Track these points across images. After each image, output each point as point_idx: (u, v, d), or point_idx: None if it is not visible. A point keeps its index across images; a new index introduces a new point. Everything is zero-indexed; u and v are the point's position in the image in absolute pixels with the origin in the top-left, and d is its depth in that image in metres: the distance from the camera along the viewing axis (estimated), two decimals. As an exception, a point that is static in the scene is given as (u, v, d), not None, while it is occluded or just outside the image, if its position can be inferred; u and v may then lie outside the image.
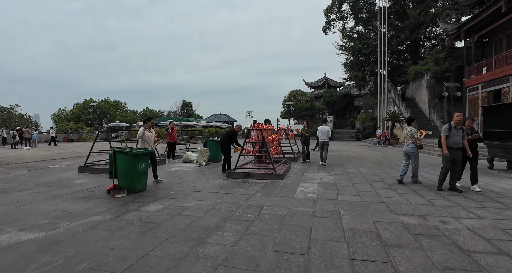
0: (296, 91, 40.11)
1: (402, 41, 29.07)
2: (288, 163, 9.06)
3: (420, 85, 25.37)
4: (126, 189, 5.26)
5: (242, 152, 7.24)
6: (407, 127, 6.67)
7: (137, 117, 53.32)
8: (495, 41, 20.21)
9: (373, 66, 31.44)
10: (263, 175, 6.80)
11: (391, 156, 12.73)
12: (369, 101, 34.57)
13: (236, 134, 7.90)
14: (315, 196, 5.18)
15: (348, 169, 8.66)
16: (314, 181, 6.72)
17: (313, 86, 53.69)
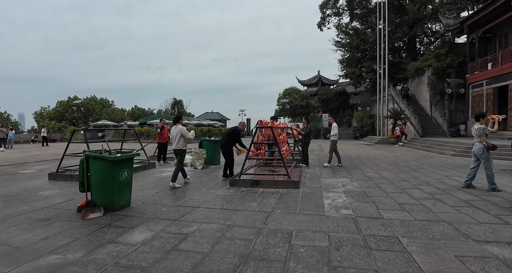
0: (291, 88, 39.03)
1: (401, 37, 28.28)
2: (298, 166, 7.88)
3: (421, 81, 24.60)
4: (103, 206, 3.96)
5: (249, 155, 6.01)
6: (474, 125, 5.60)
7: (126, 115, 51.29)
8: (499, 36, 19.53)
9: (371, 62, 30.60)
10: (275, 183, 5.58)
11: (403, 156, 11.72)
12: (366, 98, 33.79)
13: (240, 133, 6.66)
14: (351, 213, 4.00)
15: (367, 173, 7.53)
16: (338, 189, 5.54)
17: (306, 84, 52.78)
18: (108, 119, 39.18)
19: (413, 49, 30.31)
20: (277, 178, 5.85)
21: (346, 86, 44.81)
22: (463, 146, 12.45)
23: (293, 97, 36.78)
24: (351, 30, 31.81)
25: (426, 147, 15.20)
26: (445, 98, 22.82)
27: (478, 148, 5.42)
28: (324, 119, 35.14)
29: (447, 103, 22.80)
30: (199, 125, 30.34)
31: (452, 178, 6.83)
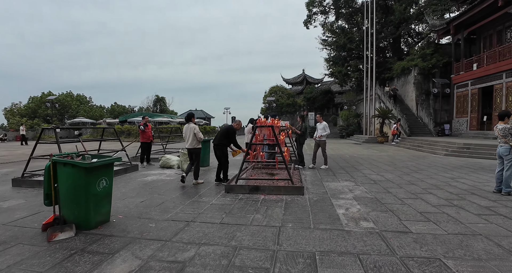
0: (277, 86, 38.60)
1: (386, 37, 28.43)
2: (296, 168, 7.32)
3: (407, 81, 24.78)
4: (75, 224, 3.21)
5: (247, 157, 5.36)
6: (498, 125, 5.21)
7: (104, 113, 49.07)
8: (484, 38, 19.86)
9: (357, 61, 30.71)
10: (277, 189, 4.97)
11: (397, 156, 11.46)
12: (352, 97, 33.89)
13: (235, 132, 6.00)
14: (373, 226, 3.45)
15: (369, 175, 7.08)
16: (346, 195, 5.01)
17: (291, 83, 52.64)
18: (86, 116, 37.18)
19: (398, 49, 30.61)
20: (279, 183, 5.25)
21: (331, 85, 44.93)
22: (455, 146, 12.37)
23: (279, 95, 36.34)
24: (337, 28, 31.72)
25: (416, 146, 15.11)
26: (430, 97, 23.08)
27: (505, 149, 5.05)
28: (310, 118, 35.01)
29: (432, 102, 23.08)
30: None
31: (458, 180, 6.48)
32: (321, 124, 8.28)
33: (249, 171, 6.60)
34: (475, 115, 18.93)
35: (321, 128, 8.19)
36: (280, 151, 5.01)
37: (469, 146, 11.94)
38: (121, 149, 8.04)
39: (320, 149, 8.32)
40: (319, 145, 8.29)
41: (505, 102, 16.12)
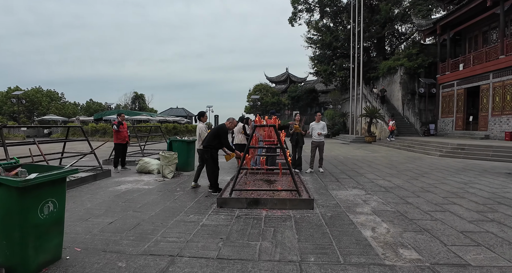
0: (261, 84, 37.80)
1: (372, 36, 28.33)
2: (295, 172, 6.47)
3: (393, 81, 24.70)
4: (7, 268, 2.18)
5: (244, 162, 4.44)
6: None
7: (78, 110, 46.32)
8: (469, 38, 19.97)
9: (342, 60, 30.44)
10: (282, 202, 4.09)
11: (392, 157, 10.93)
12: (337, 96, 33.67)
13: (227, 132, 5.08)
14: (419, 257, 2.65)
15: (375, 180, 6.37)
16: (362, 208, 4.22)
17: (274, 81, 52.03)
18: (58, 114, 34.67)
19: (382, 49, 30.63)
20: (282, 194, 4.38)
21: (315, 84, 44.68)
22: (448, 147, 12.04)
23: (264, 93, 35.55)
24: (323, 27, 31.34)
25: (407, 146, 14.76)
26: (415, 97, 23.09)
27: None
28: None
29: (417, 102, 23.10)
30: (164, 121, 27.79)
31: (472, 186, 5.89)
32: (320, 124, 7.50)
33: (243, 178, 5.67)
34: (460, 115, 18.98)
35: (321, 128, 7.42)
36: (284, 155, 4.14)
37: (463, 146, 11.62)
38: (90, 152, 6.87)
39: (319, 151, 7.54)
40: (317, 146, 7.51)
41: (492, 103, 16.14)
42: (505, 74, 15.20)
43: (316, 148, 7.55)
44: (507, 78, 15.14)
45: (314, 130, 7.44)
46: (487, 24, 17.77)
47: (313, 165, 7.60)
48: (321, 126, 7.45)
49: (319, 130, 7.39)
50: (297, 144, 7.37)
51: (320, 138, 7.43)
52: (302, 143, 7.44)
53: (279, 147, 4.17)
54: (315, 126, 7.47)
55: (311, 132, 7.51)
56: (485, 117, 16.70)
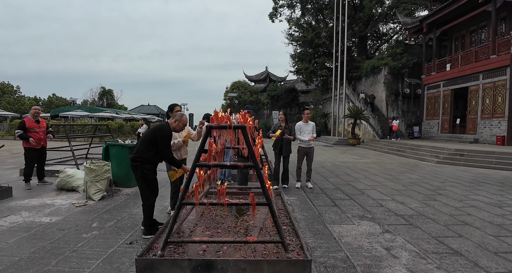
0: (239, 82, 35.88)
1: (356, 34, 27.30)
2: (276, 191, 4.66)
3: (376, 80, 23.69)
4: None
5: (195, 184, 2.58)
6: None
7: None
8: (455, 38, 19.21)
9: (324, 58, 29.18)
10: (256, 267, 2.23)
11: (385, 164, 9.46)
12: (318, 96, 32.47)
13: (170, 136, 3.17)
14: None
15: (383, 202, 4.71)
16: (391, 268, 2.48)
17: (254, 80, 50.34)
18: (10, 109, 30.79)
19: (364, 49, 29.74)
20: (257, 247, 2.52)
21: (295, 83, 43.47)
22: (445, 152, 10.78)
23: (242, 91, 33.68)
24: (304, 23, 30.00)
25: (396, 150, 13.47)
26: (399, 98, 22.18)
27: None
28: (275, 117, 32.91)
29: (401, 103, 22.20)
30: (130, 119, 25.12)
31: (509, 208, 4.37)
32: (309, 124, 5.75)
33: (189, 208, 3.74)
34: (447, 118, 18.12)
35: (310, 130, 5.66)
36: (257, 170, 2.31)
37: (461, 152, 10.39)
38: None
39: (307, 159, 5.79)
40: (306, 154, 5.75)
41: (481, 105, 15.27)
42: (497, 75, 14.33)
43: (304, 156, 5.80)
44: (498, 79, 14.26)
45: (303, 133, 5.68)
46: (475, 23, 16.98)
47: (300, 178, 5.83)
48: (310, 127, 5.71)
49: (309, 133, 5.63)
50: (280, 152, 5.57)
51: (309, 144, 5.68)
52: (289, 151, 5.62)
53: (252, 165, 2.33)
54: (304, 128, 5.71)
55: (299, 136, 5.73)
56: (473, 120, 15.83)
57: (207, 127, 2.40)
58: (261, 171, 2.43)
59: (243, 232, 2.93)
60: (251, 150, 2.38)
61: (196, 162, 2.42)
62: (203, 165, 2.47)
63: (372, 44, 31.15)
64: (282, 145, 5.49)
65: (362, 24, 26.38)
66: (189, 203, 2.46)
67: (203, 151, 2.43)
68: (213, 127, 2.39)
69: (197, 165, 2.43)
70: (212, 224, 3.14)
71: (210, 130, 2.41)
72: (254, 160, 2.39)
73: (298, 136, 5.71)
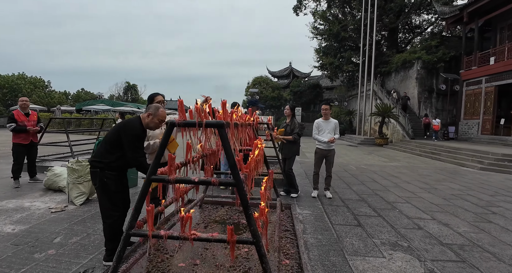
0: (261, 77, 35.00)
1: (386, 26, 25.44)
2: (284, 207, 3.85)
3: (407, 76, 21.91)
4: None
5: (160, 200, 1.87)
6: None
7: (69, 100, 43.63)
8: (501, 28, 17.10)
9: (351, 52, 27.56)
10: None
11: (417, 168, 8.27)
12: (343, 93, 30.92)
13: (141, 135, 2.42)
14: None
15: (419, 221, 3.74)
16: None
17: (277, 75, 49.29)
18: (40, 103, 32.03)
19: (395, 42, 27.76)
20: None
21: (320, 79, 41.98)
22: (491, 157, 9.34)
23: (263, 87, 32.80)
24: (330, 16, 28.47)
25: (430, 153, 12.07)
26: (432, 95, 20.33)
27: None
28: (297, 114, 31.79)
29: (435, 101, 20.35)
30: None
31: None
32: (330, 122, 4.83)
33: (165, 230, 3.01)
34: (489, 117, 16.20)
35: (331, 128, 4.75)
36: (239, 189, 1.51)
37: (511, 158, 8.94)
38: None
39: (326, 164, 4.88)
40: (325, 157, 4.84)
41: (532, 103, 13.38)
42: (554, 69, 12.42)
43: (323, 160, 4.90)
44: (555, 74, 12.35)
45: (322, 132, 4.78)
46: (527, 9, 14.91)
47: (318, 186, 4.94)
48: (331, 126, 4.78)
49: (330, 133, 4.71)
50: (285, 153, 4.73)
51: (329, 145, 4.76)
52: (290, 153, 4.73)
53: (231, 183, 1.52)
54: (323, 126, 4.80)
55: (317, 135, 4.84)
56: (522, 121, 13.94)
57: (168, 124, 1.62)
58: (244, 190, 1.62)
59: (227, 267, 2.15)
60: (231, 159, 1.57)
61: (152, 174, 1.66)
62: (159, 180, 1.70)
63: (403, 37, 29.05)
64: (282, 146, 4.66)
65: (393, 16, 24.51)
66: (139, 235, 1.70)
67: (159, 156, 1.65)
68: (177, 124, 1.60)
69: (152, 180, 1.66)
70: (190, 251, 2.38)
71: (171, 128, 1.63)
72: (234, 174, 1.58)
73: (316, 135, 4.83)
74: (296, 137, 4.59)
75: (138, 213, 1.70)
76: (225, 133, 1.60)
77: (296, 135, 4.59)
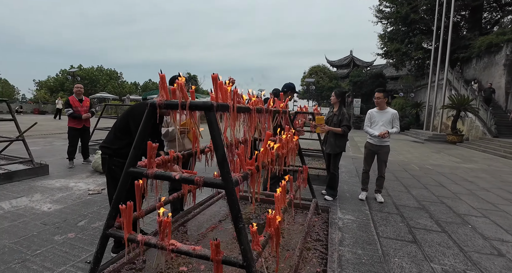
0: (318, 66, 33.46)
1: (467, 4, 21.81)
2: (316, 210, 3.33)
3: (492, 63, 18.55)
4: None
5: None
6: None
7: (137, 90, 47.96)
8: None
9: (421, 37, 24.40)
10: None
11: (498, 172, 6.77)
12: (410, 83, 27.81)
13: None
14: None
15: (502, 246, 2.88)
16: None
17: (336, 65, 46.76)
18: (113, 92, 35.76)
19: (477, 23, 23.65)
20: None
21: (383, 68, 38.55)
22: None
23: (320, 77, 31.33)
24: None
25: (519, 155, 9.94)
26: (524, 85, 16.85)
27: None
28: (356, 106, 29.76)
29: (526, 93, 16.85)
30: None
31: None
32: (387, 112, 4.06)
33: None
34: None
35: (387, 120, 3.99)
36: (228, 193, 1.11)
37: None
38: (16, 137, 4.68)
39: (378, 161, 4.15)
40: (375, 153, 4.12)
41: None
42: None
43: (373, 157, 4.18)
44: None
45: (375, 124, 4.07)
46: None
47: (367, 187, 4.26)
48: (387, 117, 4.01)
49: (385, 126, 3.97)
50: (330, 148, 4.11)
51: (382, 141, 4.02)
52: (335, 147, 4.08)
53: (217, 183, 1.15)
54: (377, 117, 4.08)
55: (368, 128, 4.15)
56: None
57: (149, 105, 1.29)
58: (235, 195, 1.21)
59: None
60: (219, 152, 1.18)
61: (130, 166, 1.36)
62: (136, 173, 1.39)
63: (489, 17, 24.62)
64: (335, 139, 4.03)
65: (478, -9, 20.84)
66: (115, 236, 1.44)
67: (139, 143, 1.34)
68: (157, 105, 1.26)
69: (129, 173, 1.36)
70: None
71: (153, 110, 1.30)
72: (223, 172, 1.19)
73: (367, 128, 4.15)
74: (346, 130, 3.95)
75: (116, 211, 1.43)
76: (214, 118, 1.20)
77: (345, 128, 3.95)
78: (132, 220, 1.94)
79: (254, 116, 1.73)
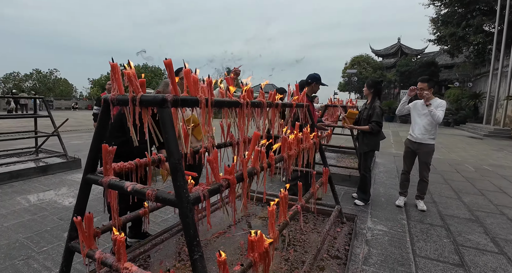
0: (361, 56, 31.54)
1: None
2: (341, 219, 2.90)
3: None
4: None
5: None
6: None
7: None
8: None
9: (482, 18, 21.52)
10: None
11: None
12: (468, 71, 24.88)
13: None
14: None
15: None
16: None
17: (381, 54, 43.69)
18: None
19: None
20: None
21: (435, 56, 35.16)
22: None
23: (363, 67, 29.53)
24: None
25: None
26: None
27: None
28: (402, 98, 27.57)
29: None
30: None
31: None
32: (432, 103, 3.45)
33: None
34: None
35: (427, 114, 3.40)
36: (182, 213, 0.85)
37: None
38: (52, 133, 4.93)
39: (419, 162, 3.57)
40: (415, 154, 3.55)
41: None
42: None
43: (413, 157, 3.61)
44: None
45: (414, 119, 3.53)
46: None
47: (406, 191, 3.71)
48: (430, 109, 3.41)
49: (427, 117, 3.39)
50: (363, 146, 3.63)
51: (427, 138, 3.43)
52: (366, 145, 3.57)
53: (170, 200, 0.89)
54: (420, 110, 3.51)
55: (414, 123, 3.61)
56: None
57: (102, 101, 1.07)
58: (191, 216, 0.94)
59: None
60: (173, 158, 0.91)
61: (88, 172, 1.16)
62: (93, 181, 1.20)
63: None
64: (365, 138, 3.55)
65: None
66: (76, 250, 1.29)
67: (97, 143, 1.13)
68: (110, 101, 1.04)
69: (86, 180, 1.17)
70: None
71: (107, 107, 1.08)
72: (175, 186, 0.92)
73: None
74: (375, 128, 3.44)
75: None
76: (168, 116, 0.94)
77: (374, 124, 3.44)
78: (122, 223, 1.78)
79: (244, 111, 1.43)
